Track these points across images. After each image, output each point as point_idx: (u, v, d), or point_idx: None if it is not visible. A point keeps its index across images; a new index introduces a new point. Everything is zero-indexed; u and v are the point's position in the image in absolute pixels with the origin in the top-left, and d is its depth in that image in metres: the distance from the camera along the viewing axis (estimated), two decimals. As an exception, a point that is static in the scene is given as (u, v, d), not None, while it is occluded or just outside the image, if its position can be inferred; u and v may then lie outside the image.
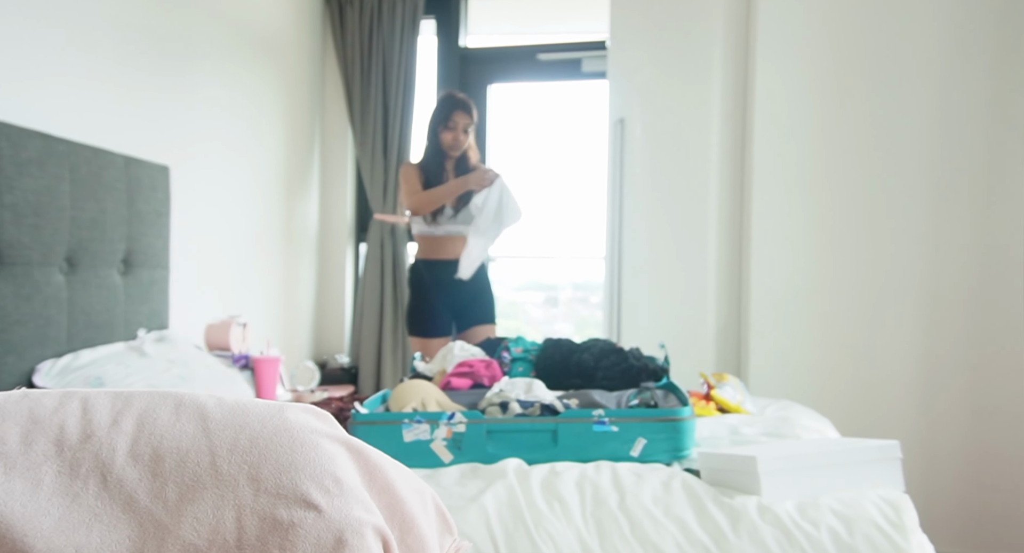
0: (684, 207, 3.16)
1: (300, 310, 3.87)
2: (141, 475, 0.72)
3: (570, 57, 3.93)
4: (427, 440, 1.71)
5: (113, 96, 2.47)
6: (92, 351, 2.11)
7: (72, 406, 0.78)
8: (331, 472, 0.74)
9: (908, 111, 2.88)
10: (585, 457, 1.69)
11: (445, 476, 1.61)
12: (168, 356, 2.25)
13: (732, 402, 2.25)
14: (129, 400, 0.79)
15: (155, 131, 2.67)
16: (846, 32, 2.93)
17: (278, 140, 3.60)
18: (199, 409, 0.78)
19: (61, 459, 0.73)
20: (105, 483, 0.72)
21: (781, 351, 3.00)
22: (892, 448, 1.56)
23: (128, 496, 0.71)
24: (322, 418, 0.81)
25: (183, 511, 0.70)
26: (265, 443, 0.74)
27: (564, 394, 1.94)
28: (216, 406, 0.78)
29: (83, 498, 0.71)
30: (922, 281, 2.88)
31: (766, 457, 1.48)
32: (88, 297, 2.19)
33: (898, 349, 2.90)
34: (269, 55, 3.50)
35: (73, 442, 0.75)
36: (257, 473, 0.72)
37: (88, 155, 2.19)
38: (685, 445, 1.72)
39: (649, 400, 1.86)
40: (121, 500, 0.71)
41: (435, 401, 1.89)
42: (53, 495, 0.71)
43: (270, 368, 2.61)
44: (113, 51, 2.46)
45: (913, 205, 2.89)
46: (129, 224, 2.38)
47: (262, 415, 0.77)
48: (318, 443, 0.76)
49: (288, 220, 3.72)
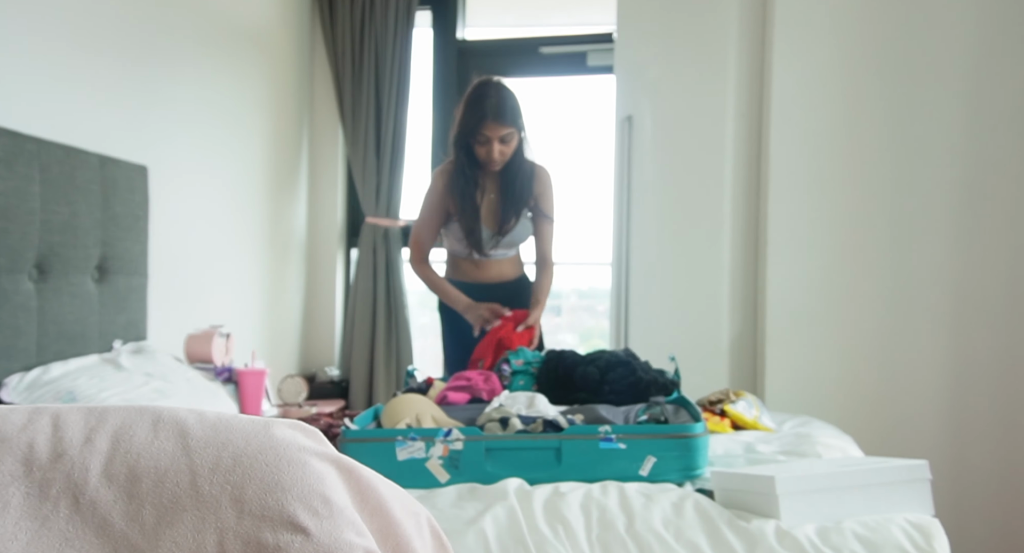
0: (696, 210, 3.16)
1: (287, 320, 3.87)
2: (116, 496, 0.72)
3: (575, 50, 3.94)
4: (422, 458, 1.70)
5: (87, 91, 2.47)
6: (64, 364, 2.11)
7: (41, 423, 0.78)
8: (320, 493, 0.73)
9: (937, 106, 2.88)
10: (591, 476, 1.68)
11: (441, 497, 1.60)
12: (146, 369, 2.24)
13: (748, 417, 2.24)
14: (103, 416, 0.79)
15: (132, 129, 2.67)
16: (870, 22, 2.93)
17: (264, 139, 3.60)
18: (179, 425, 0.77)
19: (30, 480, 0.73)
20: (77, 505, 0.71)
21: (800, 363, 2.99)
22: (920, 468, 1.55)
23: (102, 519, 0.71)
24: (310, 435, 0.81)
25: (161, 535, 0.69)
26: (249, 462, 0.73)
27: (568, 409, 1.93)
28: (197, 422, 0.78)
29: (53, 521, 0.70)
30: (951, 288, 2.88)
31: (785, 477, 1.48)
32: (60, 306, 2.19)
33: (926, 361, 2.89)
34: (254, 48, 3.51)
35: (43, 461, 0.74)
36: (241, 494, 0.71)
37: (60, 154, 2.19)
38: (698, 464, 1.72)
39: (659, 416, 1.86)
40: (94, 523, 0.70)
41: (430, 417, 1.89)
42: (21, 519, 0.70)
43: (255, 382, 2.61)
44: (87, 43, 2.46)
45: (942, 207, 2.88)
46: (104, 228, 2.37)
47: (246, 432, 0.77)
48: (306, 461, 0.75)
49: (274, 223, 3.72)
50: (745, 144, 3.12)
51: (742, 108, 3.13)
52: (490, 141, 2.63)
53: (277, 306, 3.76)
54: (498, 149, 2.64)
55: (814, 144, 2.99)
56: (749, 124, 3.13)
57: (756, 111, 3.12)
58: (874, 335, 2.94)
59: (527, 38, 4.05)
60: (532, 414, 1.82)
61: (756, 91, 3.12)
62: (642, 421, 1.86)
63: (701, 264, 3.16)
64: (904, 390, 2.91)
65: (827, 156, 2.98)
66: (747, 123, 3.13)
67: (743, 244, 3.13)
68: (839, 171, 2.97)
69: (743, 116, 3.13)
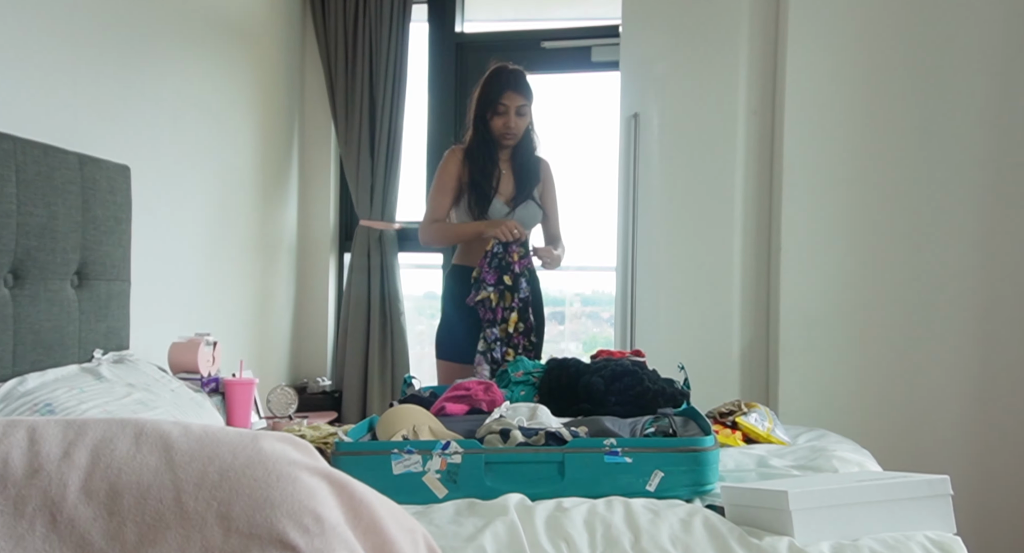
0: (705, 212, 3.16)
1: (277, 327, 3.87)
2: (96, 514, 0.71)
3: (578, 45, 3.95)
4: (419, 472, 1.70)
5: (67, 87, 2.47)
6: (41, 375, 2.11)
7: (17, 437, 0.78)
8: (311, 509, 0.73)
9: (960, 102, 2.88)
10: (595, 492, 1.68)
11: (439, 513, 1.60)
12: (128, 379, 2.24)
13: (761, 430, 2.24)
14: (82, 429, 0.79)
15: (114, 127, 2.68)
16: (890, 14, 2.93)
17: (252, 137, 3.61)
18: (162, 439, 0.77)
19: (4, 497, 0.73)
20: (55, 523, 0.71)
21: (815, 373, 2.99)
22: (941, 483, 1.55)
23: (80, 538, 0.70)
24: (301, 448, 0.81)
25: (143, 554, 0.69)
26: (237, 476, 0.73)
27: (572, 421, 1.93)
28: (182, 435, 0.78)
29: (29, 540, 0.70)
30: (976, 295, 2.87)
31: (799, 492, 1.47)
32: (36, 313, 2.19)
33: (949, 372, 2.89)
34: (242, 42, 3.52)
35: (18, 477, 0.74)
36: (228, 510, 0.71)
37: (37, 153, 2.19)
38: (708, 479, 1.72)
39: (667, 428, 1.86)
40: (73, 542, 0.70)
41: (428, 428, 1.89)
42: (-4, 536, 0.70)
43: (243, 392, 2.61)
44: (67, 36, 2.47)
45: (966, 209, 2.88)
46: (84, 231, 2.37)
47: (234, 445, 0.77)
48: (296, 476, 0.75)
49: (264, 226, 3.72)
50: (757, 143, 3.13)
51: (754, 105, 3.13)
52: (508, 111, 2.94)
53: (266, 313, 3.76)
54: (515, 120, 2.95)
55: (831, 143, 2.99)
56: (762, 122, 3.13)
57: (769, 108, 3.12)
58: (894, 344, 2.94)
59: (528, 32, 4.06)
60: (534, 426, 1.82)
61: (769, 87, 3.12)
62: (649, 434, 1.85)
63: (711, 268, 3.15)
64: (925, 402, 2.90)
65: (844, 155, 2.98)
66: (759, 121, 3.13)
67: (755, 248, 3.13)
68: (857, 171, 2.97)
69: (755, 113, 3.13)
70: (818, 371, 2.99)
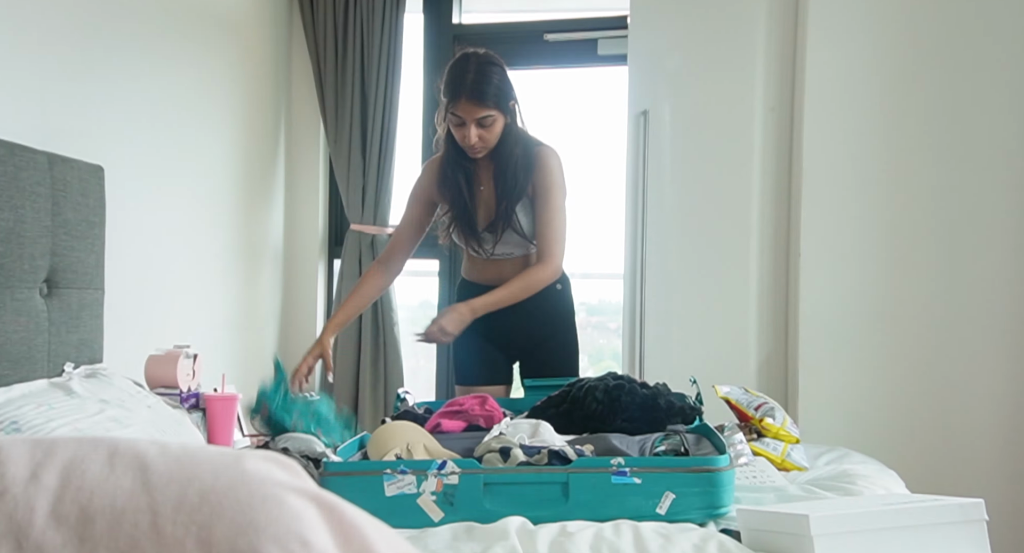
0: (720, 215, 3.16)
1: (261, 339, 3.87)
2: (66, 540, 0.71)
3: (584, 37, 3.95)
4: (413, 494, 1.70)
5: (35, 82, 2.48)
6: (7, 390, 2.10)
7: (-18, 456, 0.78)
8: (298, 533, 0.73)
9: (990, 98, 2.88)
10: (602, 515, 1.68)
11: (435, 538, 1.60)
12: (101, 395, 2.24)
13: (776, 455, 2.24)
14: (52, 449, 0.79)
15: (86, 125, 2.68)
16: (915, 6, 2.94)
17: (235, 136, 3.61)
18: (138, 459, 0.77)
19: (-32, 520, 0.72)
20: (20, 550, 0.71)
21: (837, 388, 2.99)
22: (975, 508, 1.55)
23: (50, 564, 0.70)
24: (287, 468, 0.80)
25: (117, 582, 0.69)
26: (218, 499, 0.73)
27: (576, 439, 1.93)
28: (159, 455, 0.77)
29: (-5, 567, 0.70)
30: (1011, 304, 2.87)
31: (820, 517, 1.47)
32: (2, 325, 2.18)
33: (982, 387, 2.88)
34: (224, 35, 3.52)
35: (-17, 499, 0.74)
36: (208, 535, 0.71)
37: (2, 153, 2.19)
38: (722, 501, 1.72)
39: (678, 446, 1.86)
40: (41, 569, 0.70)
41: (423, 447, 1.89)
42: (-43, 564, 0.70)
43: (225, 408, 2.60)
44: (35, 28, 2.47)
45: (998, 211, 2.88)
46: (54, 236, 2.37)
47: (215, 465, 0.76)
48: (282, 498, 0.75)
49: (247, 231, 3.72)
50: (775, 142, 3.13)
51: (771, 102, 3.13)
52: (465, 123, 2.53)
53: (250, 323, 3.76)
54: (475, 133, 2.53)
55: (853, 141, 2.99)
56: (780, 119, 3.13)
57: (788, 105, 3.13)
58: (923, 357, 2.93)
59: (530, 23, 4.06)
60: (536, 444, 1.82)
61: (788, 82, 3.12)
62: (659, 452, 1.85)
63: (726, 276, 3.15)
64: (957, 419, 2.90)
65: (867, 154, 2.98)
66: (777, 118, 3.13)
67: (773, 253, 3.13)
68: (881, 171, 2.97)
69: (773, 110, 3.13)
70: (841, 386, 2.98)
